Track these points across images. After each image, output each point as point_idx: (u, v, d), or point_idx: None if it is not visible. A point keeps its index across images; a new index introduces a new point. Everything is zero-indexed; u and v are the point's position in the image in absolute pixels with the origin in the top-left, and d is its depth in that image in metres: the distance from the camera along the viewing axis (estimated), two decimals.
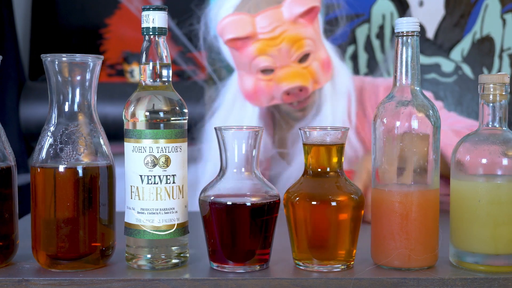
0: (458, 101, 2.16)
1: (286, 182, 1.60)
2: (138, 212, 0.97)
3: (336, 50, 1.71)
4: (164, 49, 0.98)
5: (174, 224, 0.97)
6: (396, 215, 0.96)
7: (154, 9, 0.97)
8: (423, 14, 2.16)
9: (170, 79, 1.00)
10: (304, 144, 0.99)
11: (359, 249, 1.03)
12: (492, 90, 0.98)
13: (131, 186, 0.97)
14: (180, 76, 2.60)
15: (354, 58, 2.18)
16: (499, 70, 2.16)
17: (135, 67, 2.55)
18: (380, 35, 2.17)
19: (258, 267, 0.98)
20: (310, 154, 0.99)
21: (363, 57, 2.18)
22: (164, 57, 0.98)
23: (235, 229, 0.96)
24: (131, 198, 0.97)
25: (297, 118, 1.64)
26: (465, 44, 2.15)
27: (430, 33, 2.17)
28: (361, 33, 2.18)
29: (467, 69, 2.16)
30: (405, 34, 0.97)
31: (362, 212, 0.99)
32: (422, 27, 2.17)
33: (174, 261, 0.99)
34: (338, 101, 1.63)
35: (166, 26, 0.99)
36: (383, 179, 0.98)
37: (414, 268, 0.96)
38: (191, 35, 1.90)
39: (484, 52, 2.16)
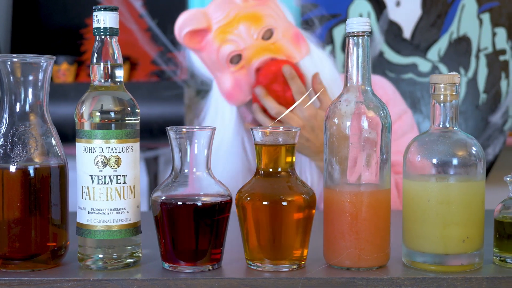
0: None
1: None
2: (89, 212, 0.97)
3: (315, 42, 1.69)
4: (115, 49, 0.98)
5: (125, 224, 0.97)
6: (346, 215, 0.96)
7: (105, 10, 0.98)
8: (400, 14, 2.17)
9: (122, 79, 1.00)
10: (256, 144, 0.99)
11: (314, 249, 1.03)
12: (442, 90, 0.98)
13: (82, 186, 0.97)
14: (160, 77, 2.60)
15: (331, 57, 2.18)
16: (476, 70, 2.16)
17: None
18: None
19: (210, 266, 0.98)
20: (262, 154, 0.99)
21: (340, 57, 2.18)
22: (115, 57, 0.98)
23: (186, 229, 0.96)
24: (82, 198, 0.97)
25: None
26: (442, 44, 2.16)
27: (407, 33, 2.17)
28: (338, 33, 2.18)
29: (444, 69, 2.17)
30: (355, 35, 0.98)
31: (313, 211, 0.99)
32: (399, 27, 2.18)
33: (126, 261, 0.99)
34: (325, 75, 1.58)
35: (118, 27, 0.99)
36: (334, 179, 0.98)
37: (364, 267, 0.97)
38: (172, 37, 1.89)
39: (460, 52, 2.16)
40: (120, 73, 0.99)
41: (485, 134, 2.15)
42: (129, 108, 0.98)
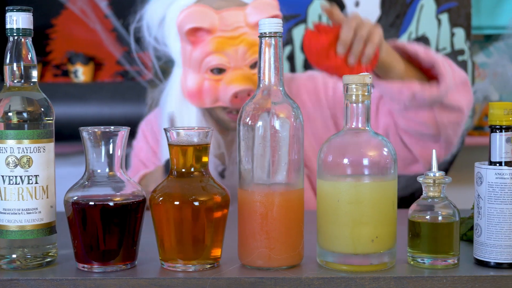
0: None
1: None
2: (1, 213, 0.97)
3: None
4: (29, 50, 0.99)
5: (38, 224, 0.98)
6: (256, 214, 0.97)
7: (17, 10, 0.98)
8: (359, 14, 2.17)
9: (36, 80, 1.00)
10: (169, 145, 1.00)
11: (232, 248, 1.04)
12: (354, 90, 0.98)
13: None
14: (124, 77, 2.61)
15: (291, 58, 2.19)
16: None
17: (79, 67, 2.55)
18: None
19: (123, 266, 0.98)
20: (175, 155, 0.99)
21: (299, 58, 2.19)
22: (28, 58, 0.99)
23: (98, 229, 0.96)
24: None
25: (232, 128, 1.61)
26: None
27: None
28: (297, 33, 2.18)
29: None
30: (267, 35, 0.98)
31: (226, 211, 0.99)
32: None
33: (40, 261, 0.99)
34: None
35: (31, 27, 0.99)
36: (247, 179, 0.98)
37: (275, 267, 0.97)
38: (138, 34, 1.88)
39: None
40: (34, 73, 0.99)
41: None
42: (42, 109, 0.98)
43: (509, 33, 2.34)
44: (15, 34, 0.98)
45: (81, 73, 2.55)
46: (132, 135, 2.32)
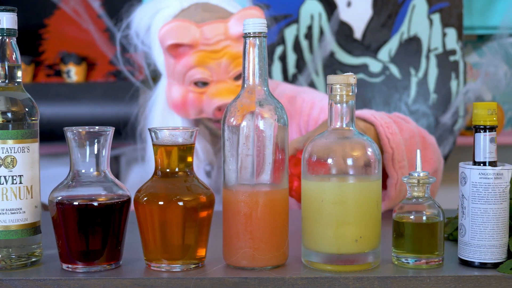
0: (386, 101, 2.17)
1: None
2: None
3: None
4: (13, 50, 0.99)
5: (22, 224, 0.98)
6: (240, 214, 0.97)
7: (1, 11, 0.98)
8: (351, 14, 2.18)
9: (21, 80, 1.00)
10: (154, 145, 1.00)
11: (217, 248, 1.04)
12: (339, 90, 0.98)
13: None
14: (117, 77, 2.61)
15: (283, 58, 2.19)
16: (427, 70, 2.17)
17: (71, 68, 2.55)
18: (309, 36, 2.18)
19: (107, 266, 0.98)
20: (159, 155, 0.99)
21: (291, 57, 2.19)
22: (13, 58, 0.99)
23: (82, 229, 0.96)
24: None
25: (220, 136, 1.61)
26: (392, 45, 2.17)
27: (358, 34, 2.18)
28: (289, 33, 2.19)
29: (394, 69, 2.17)
30: (252, 35, 0.98)
31: (211, 211, 0.99)
32: (350, 28, 2.18)
33: (24, 261, 0.99)
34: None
35: (16, 27, 0.99)
36: (231, 179, 0.98)
37: (260, 267, 0.97)
38: (127, 37, 1.87)
39: (411, 52, 2.17)
40: (19, 74, 0.99)
41: (436, 135, 2.16)
42: (26, 109, 0.98)
43: (501, 33, 2.34)
44: None
45: (74, 73, 2.55)
46: (120, 134, 2.32)
